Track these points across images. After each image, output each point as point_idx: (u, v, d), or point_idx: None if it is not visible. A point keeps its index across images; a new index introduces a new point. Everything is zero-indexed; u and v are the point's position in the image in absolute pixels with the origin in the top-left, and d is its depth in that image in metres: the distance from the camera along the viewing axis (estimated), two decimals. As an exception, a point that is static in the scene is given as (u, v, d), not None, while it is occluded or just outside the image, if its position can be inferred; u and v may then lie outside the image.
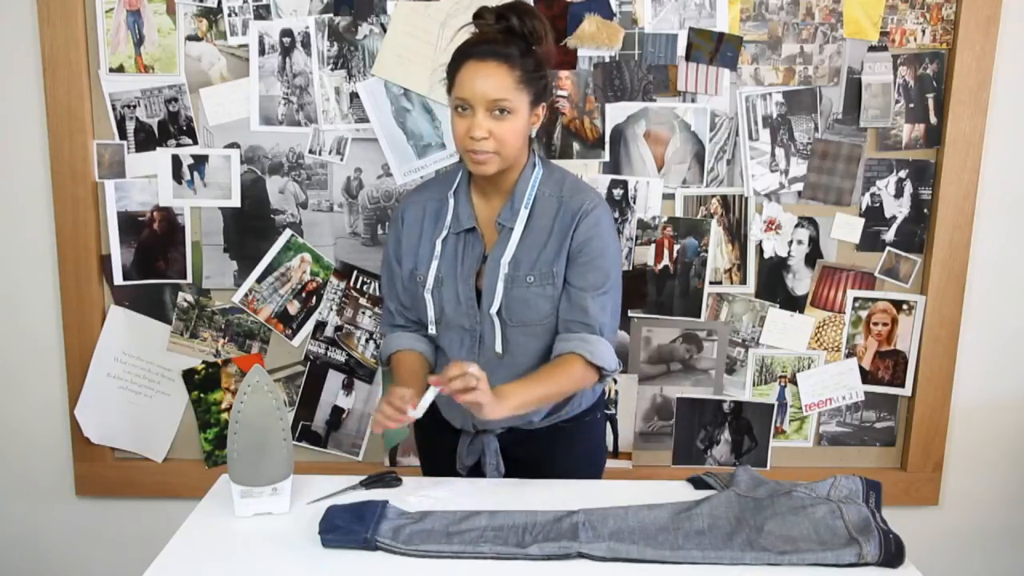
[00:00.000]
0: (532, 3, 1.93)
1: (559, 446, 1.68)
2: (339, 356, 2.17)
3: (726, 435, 2.22)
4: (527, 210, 1.56)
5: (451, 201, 1.60)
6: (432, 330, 1.63)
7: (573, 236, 1.55)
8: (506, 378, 1.60)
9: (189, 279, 2.13)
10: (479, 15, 1.55)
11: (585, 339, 1.54)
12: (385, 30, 2.01)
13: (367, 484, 1.53)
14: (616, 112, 2.05)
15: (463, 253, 1.58)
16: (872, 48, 2.04)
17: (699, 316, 2.15)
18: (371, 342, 2.15)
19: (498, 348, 1.58)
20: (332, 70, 2.03)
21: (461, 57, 1.51)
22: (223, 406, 2.18)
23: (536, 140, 1.65)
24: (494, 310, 1.55)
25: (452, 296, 1.59)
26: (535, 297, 1.56)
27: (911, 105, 2.07)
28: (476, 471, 1.67)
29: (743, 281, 2.14)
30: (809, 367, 2.19)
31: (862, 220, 2.12)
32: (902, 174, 2.11)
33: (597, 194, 1.64)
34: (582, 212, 1.55)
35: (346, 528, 1.35)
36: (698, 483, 1.55)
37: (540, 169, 1.60)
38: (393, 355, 1.68)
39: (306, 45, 2.02)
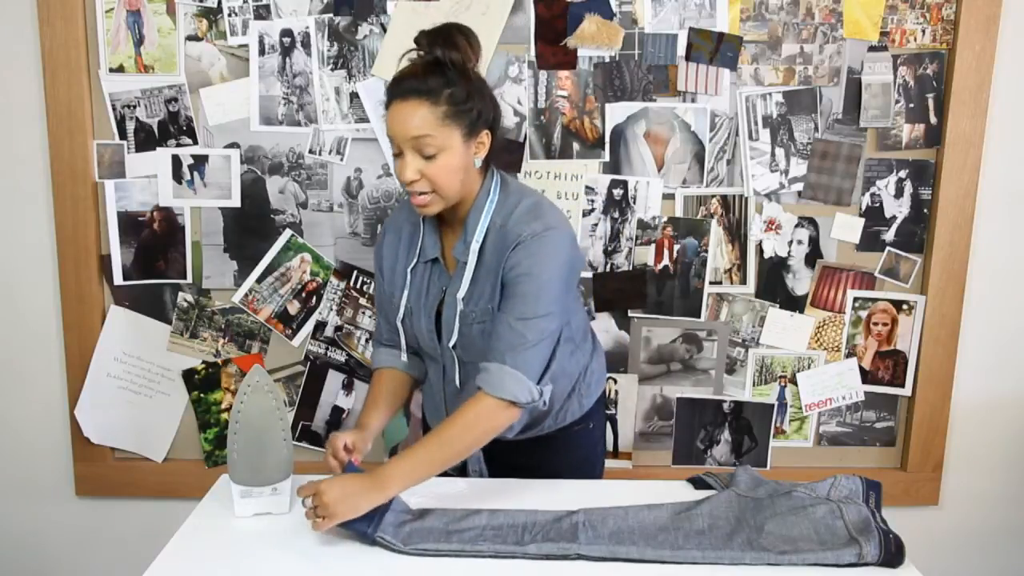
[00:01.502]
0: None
1: (546, 455, 1.65)
2: (339, 356, 2.17)
3: (726, 435, 2.22)
4: (478, 244, 1.49)
5: (421, 228, 1.57)
6: (403, 357, 1.64)
7: (504, 268, 1.46)
8: None
9: (189, 279, 2.13)
10: (417, 40, 1.48)
11: (487, 370, 1.43)
12: (385, 30, 2.01)
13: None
14: (616, 112, 2.05)
15: (428, 284, 1.56)
16: (872, 48, 2.04)
17: (699, 316, 2.15)
18: (371, 342, 2.14)
19: (457, 382, 1.58)
20: (332, 70, 2.03)
21: (388, 96, 1.46)
22: (223, 406, 2.18)
23: (492, 165, 1.56)
24: (450, 344, 1.53)
25: (418, 326, 1.58)
26: (478, 335, 1.51)
27: (911, 105, 2.07)
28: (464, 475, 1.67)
29: (743, 281, 2.14)
30: (809, 367, 2.19)
31: (862, 220, 2.12)
32: (902, 174, 2.11)
33: (547, 222, 1.47)
34: (518, 242, 1.44)
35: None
36: (698, 483, 1.56)
37: (495, 197, 1.51)
38: (373, 372, 1.69)
39: (306, 45, 2.02)
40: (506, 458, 1.60)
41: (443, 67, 1.43)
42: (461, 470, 1.64)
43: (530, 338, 1.43)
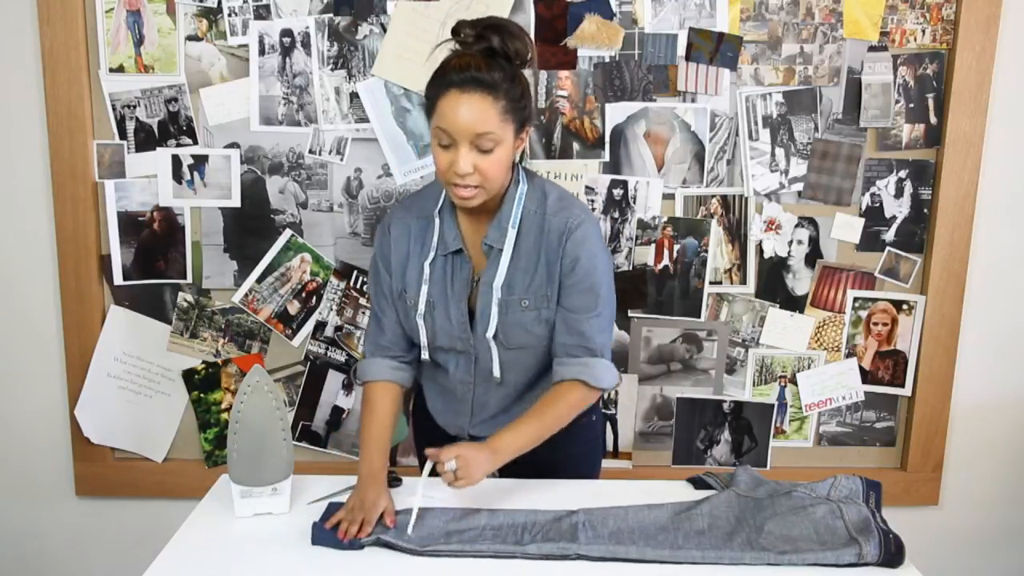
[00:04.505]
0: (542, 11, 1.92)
1: (552, 448, 1.63)
2: (339, 356, 2.17)
3: (726, 435, 2.22)
4: (515, 230, 1.50)
5: (437, 221, 1.55)
6: (425, 355, 1.59)
7: (562, 257, 1.49)
8: (503, 398, 1.58)
9: (189, 279, 2.13)
10: (456, 30, 1.45)
11: (586, 364, 1.51)
12: (385, 30, 2.01)
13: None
14: (616, 112, 2.05)
15: (452, 276, 1.54)
16: (872, 48, 2.04)
17: (699, 316, 2.15)
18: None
19: (496, 372, 1.56)
20: (332, 70, 2.03)
21: (442, 84, 1.40)
22: (223, 406, 2.18)
23: (525, 155, 1.60)
24: (490, 334, 1.52)
25: (444, 320, 1.55)
26: (531, 321, 1.52)
27: (911, 105, 2.07)
28: None
29: (743, 281, 2.14)
30: (809, 367, 2.19)
31: (862, 220, 2.12)
32: (902, 174, 2.11)
33: (582, 208, 1.56)
34: (567, 231, 1.49)
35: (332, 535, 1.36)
36: (698, 483, 1.56)
37: (524, 185, 1.53)
38: (367, 385, 1.61)
39: (306, 45, 2.02)
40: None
41: (500, 59, 1.41)
42: None
43: (607, 328, 1.55)
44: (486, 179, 1.41)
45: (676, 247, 2.11)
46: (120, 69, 2.03)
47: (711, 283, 2.13)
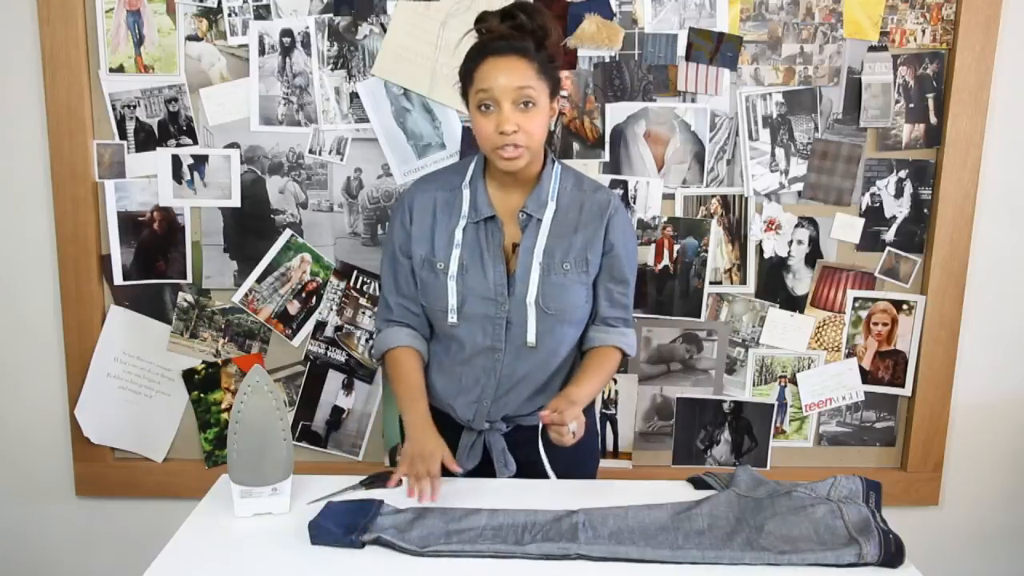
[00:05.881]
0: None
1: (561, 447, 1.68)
2: (339, 356, 2.17)
3: (726, 435, 2.22)
4: (554, 202, 1.61)
5: (466, 191, 1.62)
6: (453, 319, 1.61)
7: (607, 233, 1.62)
8: (534, 366, 1.63)
9: (189, 279, 2.13)
10: (482, 19, 1.57)
11: (623, 333, 1.68)
12: (385, 30, 2.01)
13: (367, 484, 1.53)
14: (616, 112, 2.06)
15: (486, 240, 1.60)
16: (872, 48, 2.04)
17: (699, 316, 2.15)
18: (371, 342, 2.14)
19: (531, 338, 1.60)
20: (332, 70, 2.03)
21: (479, 55, 1.53)
22: (223, 406, 2.18)
23: (554, 138, 1.70)
24: (531, 299, 1.57)
25: (479, 283, 1.59)
26: (572, 283, 1.60)
27: (911, 105, 2.07)
28: (474, 475, 1.67)
29: (743, 281, 2.14)
30: (809, 367, 2.19)
31: (862, 220, 2.12)
32: (902, 174, 2.11)
33: (610, 190, 1.71)
34: (611, 209, 1.62)
35: (333, 530, 1.35)
36: (698, 483, 1.55)
37: (558, 166, 1.65)
38: (389, 352, 1.67)
39: (306, 45, 2.02)
40: (520, 452, 1.64)
41: (527, 32, 1.54)
42: (487, 464, 1.67)
43: (632, 297, 1.70)
44: (529, 137, 1.51)
45: (676, 247, 2.11)
46: (120, 69, 2.03)
47: (711, 283, 2.13)
